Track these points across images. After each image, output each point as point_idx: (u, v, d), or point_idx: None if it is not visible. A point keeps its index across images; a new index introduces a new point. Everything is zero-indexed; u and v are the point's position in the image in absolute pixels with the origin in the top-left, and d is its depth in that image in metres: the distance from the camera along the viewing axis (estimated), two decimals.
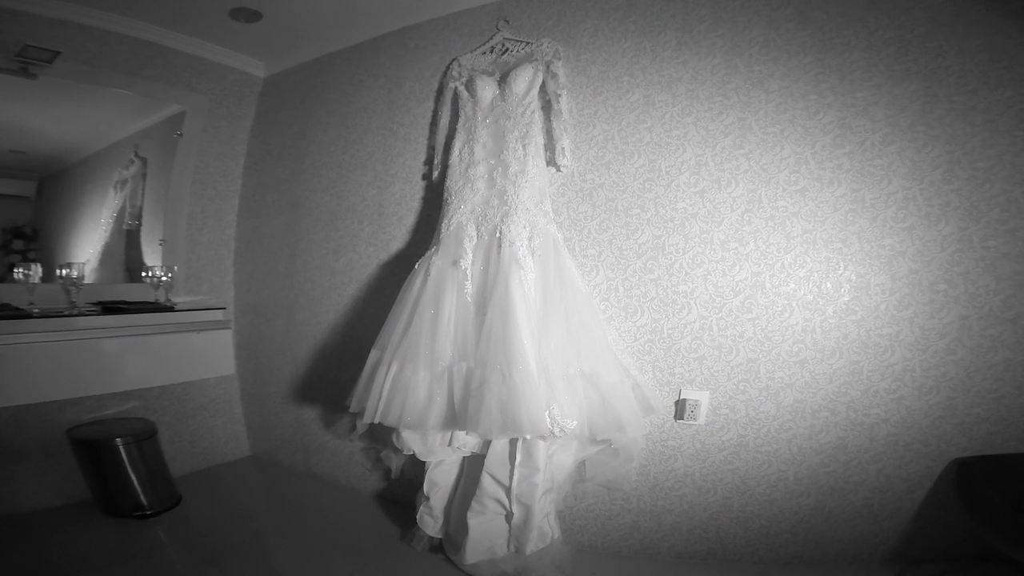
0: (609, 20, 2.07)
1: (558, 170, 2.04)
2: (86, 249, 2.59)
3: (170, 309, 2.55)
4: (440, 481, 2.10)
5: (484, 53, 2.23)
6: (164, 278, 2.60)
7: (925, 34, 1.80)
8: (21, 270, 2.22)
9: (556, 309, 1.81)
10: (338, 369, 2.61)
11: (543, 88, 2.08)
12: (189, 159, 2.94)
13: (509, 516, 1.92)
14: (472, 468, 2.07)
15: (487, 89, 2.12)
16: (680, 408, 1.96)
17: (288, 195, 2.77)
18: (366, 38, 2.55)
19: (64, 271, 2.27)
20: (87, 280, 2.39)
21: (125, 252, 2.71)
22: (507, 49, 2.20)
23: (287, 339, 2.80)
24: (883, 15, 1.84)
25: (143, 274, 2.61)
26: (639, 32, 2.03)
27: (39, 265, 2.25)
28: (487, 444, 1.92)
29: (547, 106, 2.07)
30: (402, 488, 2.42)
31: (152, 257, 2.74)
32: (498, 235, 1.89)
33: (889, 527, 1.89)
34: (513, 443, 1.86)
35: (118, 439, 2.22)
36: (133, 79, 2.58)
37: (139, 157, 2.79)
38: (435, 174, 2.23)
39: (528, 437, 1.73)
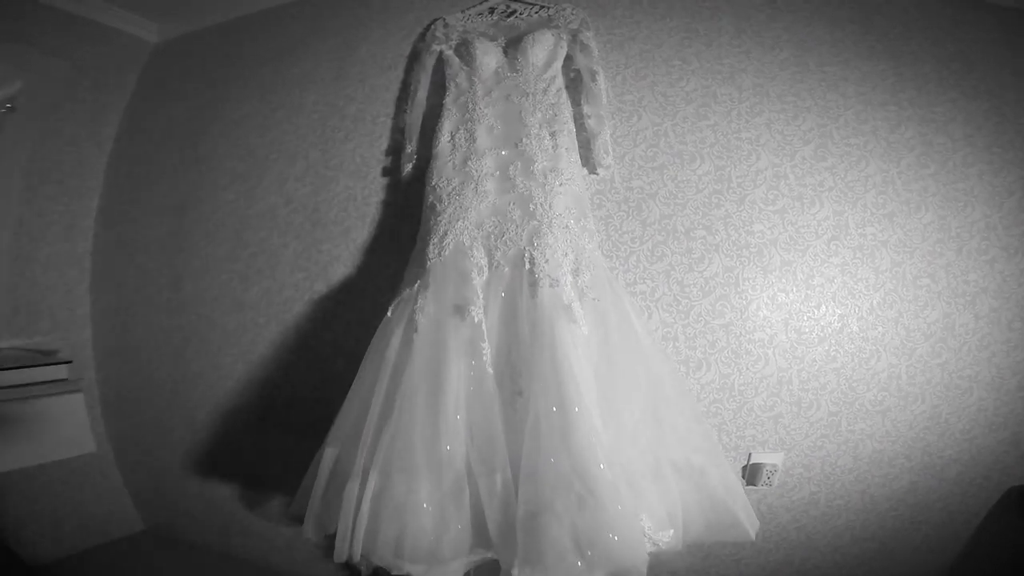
0: None
1: (593, 172, 1.04)
2: None
3: None
4: None
5: (481, 14, 1.19)
6: None
7: (983, 52, 1.22)
8: None
9: (626, 379, 0.91)
10: (258, 438, 1.39)
11: (567, 63, 1.07)
12: (23, 144, 1.52)
13: None
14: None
15: (489, 55, 1.07)
16: (753, 474, 1.18)
17: (173, 193, 1.42)
18: None
19: None
20: None
21: None
22: (513, 11, 1.17)
23: (177, 395, 1.48)
24: (940, 29, 1.24)
25: None
26: (687, 11, 1.16)
27: None
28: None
29: (573, 86, 1.05)
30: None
31: None
32: (527, 266, 0.91)
33: (943, 559, 1.32)
34: None
35: None
36: None
37: None
38: (407, 167, 1.12)
39: None
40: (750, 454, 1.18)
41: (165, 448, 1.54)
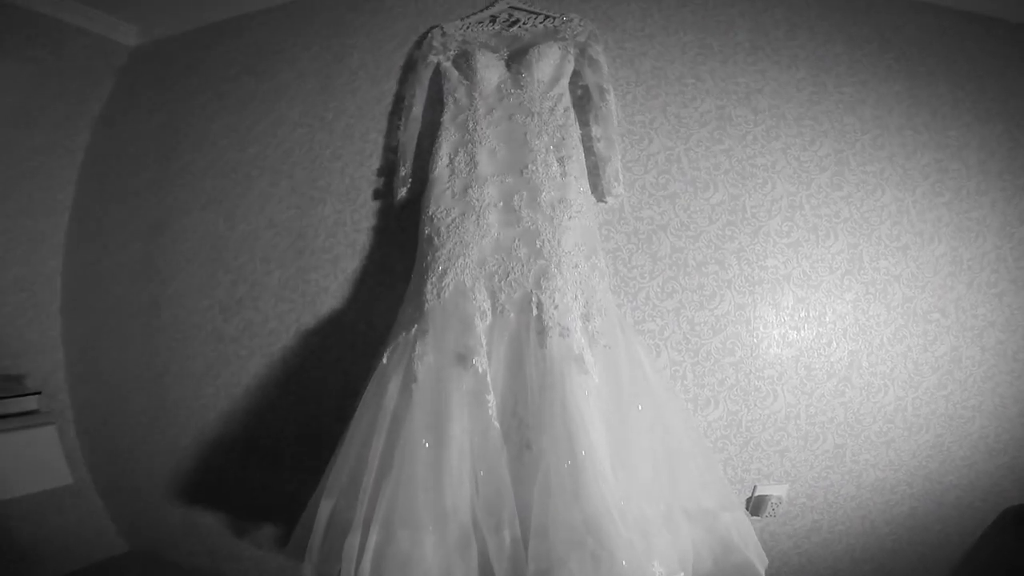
0: (660, 5, 1.07)
1: (601, 200, 0.95)
2: None
3: None
4: None
5: (482, 23, 1.05)
6: None
7: (996, 71, 1.20)
8: None
9: (639, 430, 0.82)
10: (244, 469, 1.27)
11: (574, 79, 0.94)
12: None
13: None
14: None
15: (491, 69, 0.94)
16: (758, 505, 1.12)
17: (148, 211, 1.28)
18: None
19: None
20: None
21: None
22: (516, 20, 1.04)
23: (156, 423, 1.37)
24: (956, 48, 1.23)
25: None
26: (701, 26, 1.04)
27: None
28: None
29: (580, 105, 0.93)
30: None
31: None
32: (535, 312, 0.81)
33: None
34: None
35: None
36: None
37: None
38: (401, 192, 1.01)
39: None
40: (755, 486, 1.12)
41: (146, 474, 1.42)
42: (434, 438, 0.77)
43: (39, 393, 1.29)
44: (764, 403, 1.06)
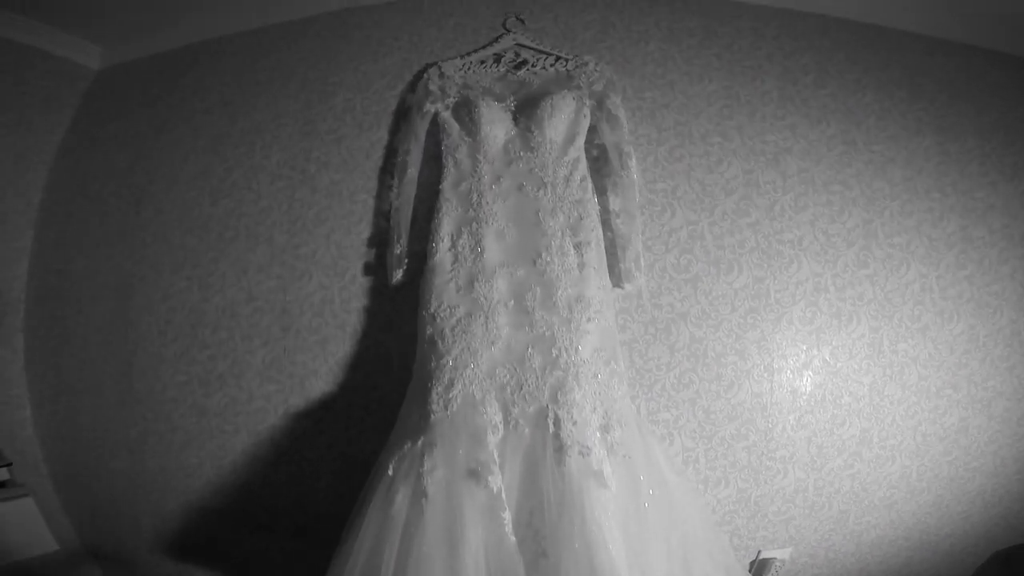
0: (681, 47, 0.90)
1: (617, 286, 0.83)
2: None
3: None
4: None
5: (484, 62, 0.88)
6: None
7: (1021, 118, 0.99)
8: None
9: (658, 537, 0.78)
10: (240, 535, 1.16)
11: (590, 137, 0.80)
12: None
13: None
14: None
15: (496, 125, 0.80)
16: (761, 568, 1.10)
17: (113, 269, 1.11)
18: (279, 20, 0.96)
19: None
20: None
21: None
22: (524, 61, 0.87)
23: (138, 486, 1.24)
24: (983, 92, 1.09)
25: None
26: (727, 72, 0.91)
27: None
28: None
29: (596, 167, 0.80)
30: None
31: None
32: (551, 428, 0.72)
33: None
34: None
35: None
36: None
37: None
38: (397, 274, 0.89)
39: None
40: (759, 551, 1.10)
41: (132, 533, 1.32)
42: (448, 550, 0.71)
43: (10, 464, 1.16)
44: (774, 480, 1.01)
